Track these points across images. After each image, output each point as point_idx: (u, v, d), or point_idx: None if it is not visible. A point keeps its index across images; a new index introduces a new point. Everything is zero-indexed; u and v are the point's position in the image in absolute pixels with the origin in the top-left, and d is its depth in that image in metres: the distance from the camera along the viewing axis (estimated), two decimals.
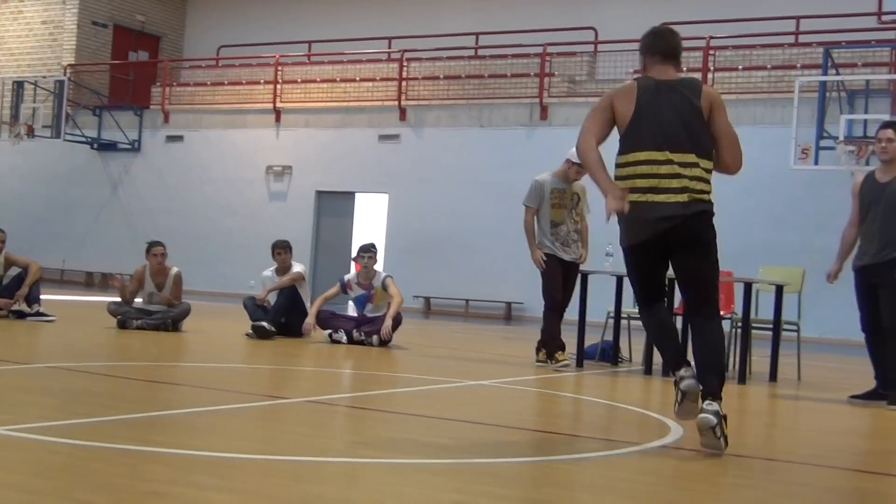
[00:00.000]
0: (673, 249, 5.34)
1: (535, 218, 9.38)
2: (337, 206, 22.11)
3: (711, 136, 5.34)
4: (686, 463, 5.02)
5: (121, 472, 4.04)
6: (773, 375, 9.23)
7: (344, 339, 10.65)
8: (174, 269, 11.36)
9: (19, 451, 4.36)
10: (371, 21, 24.80)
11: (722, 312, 9.84)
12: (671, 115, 5.25)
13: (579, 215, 9.51)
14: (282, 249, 11.33)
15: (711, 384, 5.12)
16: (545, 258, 9.25)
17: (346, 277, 11.16)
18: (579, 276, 9.74)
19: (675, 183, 5.21)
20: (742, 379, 8.94)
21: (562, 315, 9.35)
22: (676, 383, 5.20)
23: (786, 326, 9.44)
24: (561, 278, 9.30)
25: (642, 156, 5.28)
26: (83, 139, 24.60)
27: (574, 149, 8.31)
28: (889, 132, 7.90)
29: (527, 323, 19.07)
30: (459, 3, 24.31)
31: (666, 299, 5.84)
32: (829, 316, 16.57)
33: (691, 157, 5.24)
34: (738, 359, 9.18)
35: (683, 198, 5.20)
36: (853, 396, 7.89)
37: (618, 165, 5.39)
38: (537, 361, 9.42)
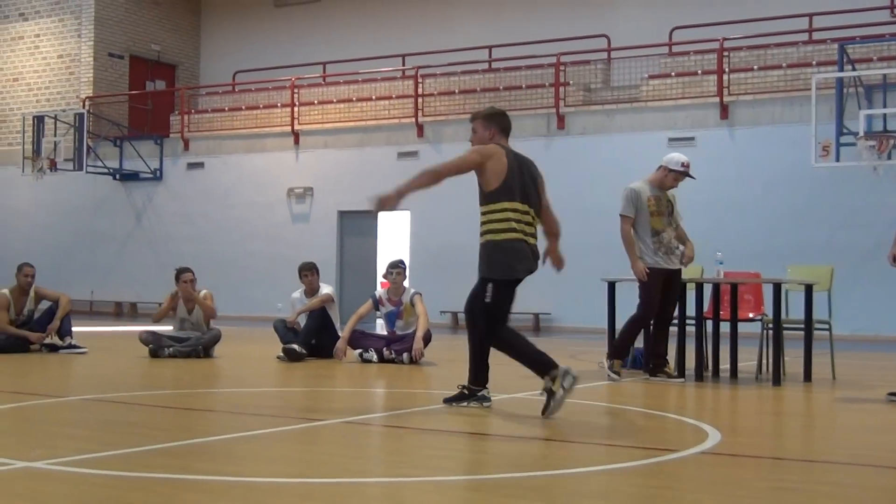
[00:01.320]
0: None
1: (633, 228, 9.12)
2: (360, 225, 22.15)
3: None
4: (725, 469, 5.01)
5: (161, 501, 4.06)
6: (808, 376, 9.18)
7: (375, 358, 10.67)
8: (203, 292, 11.41)
9: (60, 484, 4.39)
10: (384, 39, 24.89)
11: (752, 314, 9.87)
12: (528, 179, 6.97)
13: (676, 222, 9.27)
14: (308, 271, 11.37)
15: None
16: (648, 270, 8.95)
17: (378, 293, 11.18)
18: (607, 284, 9.73)
19: (533, 230, 6.95)
20: (777, 381, 8.89)
21: (661, 327, 9.18)
22: (559, 382, 6.64)
23: (817, 326, 9.39)
24: (661, 292, 9.00)
25: (509, 205, 6.83)
26: (105, 170, 24.75)
27: (671, 155, 8.60)
28: None
29: (555, 333, 19.04)
30: (471, 17, 24.36)
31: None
32: (860, 313, 16.50)
33: (533, 213, 6.96)
34: (771, 360, 9.13)
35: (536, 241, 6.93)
36: (892, 394, 7.83)
37: (491, 211, 6.88)
38: (612, 371, 9.13)
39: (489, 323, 6.91)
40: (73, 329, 11.69)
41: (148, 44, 27.34)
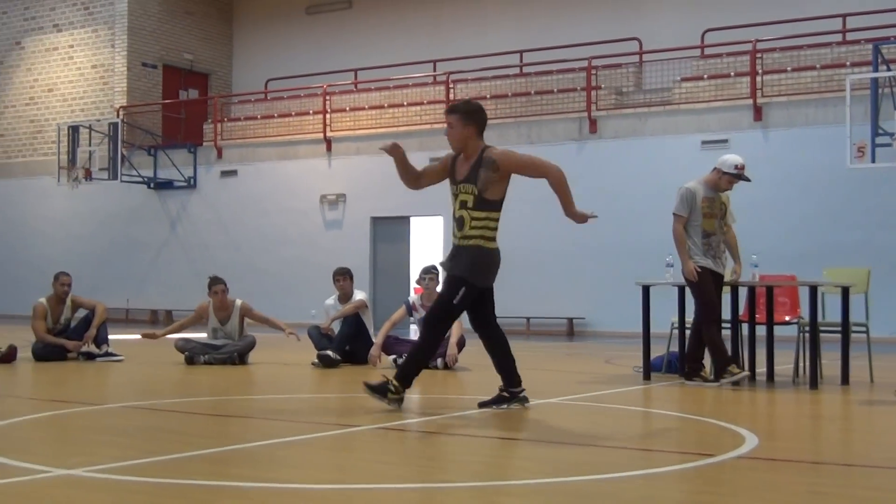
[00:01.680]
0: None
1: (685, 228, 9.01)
2: (393, 231, 22.20)
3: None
4: (763, 473, 4.97)
5: None
6: (845, 379, 9.10)
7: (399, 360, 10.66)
8: (238, 302, 11.49)
9: (100, 492, 4.42)
10: (415, 45, 24.95)
11: (788, 317, 9.81)
12: None
13: (727, 225, 9.20)
14: (341, 277, 11.40)
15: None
16: (699, 269, 8.87)
17: (411, 299, 11.19)
18: (641, 288, 9.69)
19: None
20: (814, 384, 8.83)
21: (699, 331, 9.00)
22: (520, 396, 7.11)
23: (854, 328, 9.31)
24: (715, 292, 8.95)
25: (499, 215, 7.12)
26: (140, 179, 24.94)
27: (725, 157, 8.51)
28: None
29: (589, 338, 18.99)
30: (502, 21, 24.37)
31: None
32: None
33: None
34: (807, 364, 9.07)
35: None
36: None
37: (489, 219, 7.02)
38: (729, 382, 8.80)
39: (443, 318, 7.00)
40: (110, 337, 11.78)
41: (181, 53, 27.53)
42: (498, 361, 7.24)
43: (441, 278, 11.34)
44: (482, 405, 7.17)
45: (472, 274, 6.93)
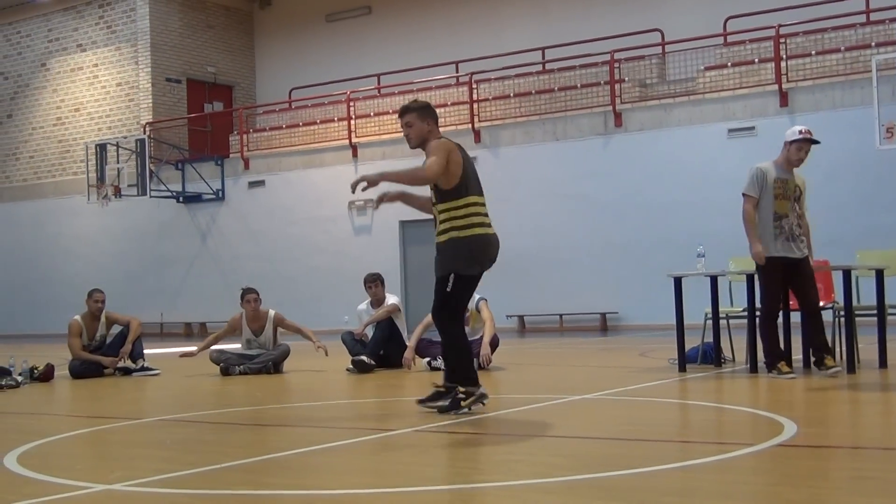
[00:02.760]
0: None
1: (756, 210, 8.68)
2: (422, 234, 22.19)
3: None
4: (803, 461, 4.94)
5: None
6: (883, 362, 9.02)
7: (443, 365, 10.66)
8: (271, 312, 11.53)
9: None
10: (436, 47, 24.96)
11: (823, 302, 9.72)
12: (475, 171, 7.02)
13: (801, 210, 8.83)
14: (373, 283, 11.42)
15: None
16: (768, 256, 8.57)
17: None
18: (673, 280, 9.62)
19: (489, 221, 6.94)
20: (851, 368, 8.75)
21: (809, 319, 8.66)
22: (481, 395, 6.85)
23: (890, 311, 9.22)
24: (780, 284, 8.67)
25: (471, 199, 6.83)
26: (169, 194, 25.09)
27: (789, 129, 8.15)
28: None
29: (623, 332, 18.93)
30: (522, 19, 24.33)
31: None
32: None
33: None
34: (844, 348, 8.99)
35: None
36: None
37: (454, 208, 6.83)
38: (781, 375, 8.54)
39: (447, 315, 6.89)
40: (145, 352, 11.85)
41: (204, 66, 27.69)
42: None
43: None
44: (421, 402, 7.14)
45: (455, 264, 6.84)
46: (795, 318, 9.51)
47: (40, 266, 27.57)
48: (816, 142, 8.89)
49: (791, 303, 9.32)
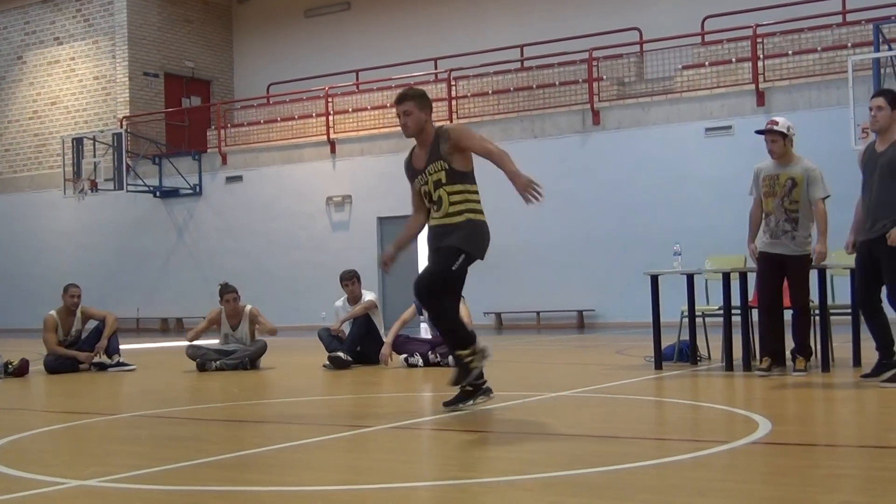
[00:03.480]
0: None
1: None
2: (399, 230, 22.13)
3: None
4: (777, 458, 4.97)
5: None
6: (857, 361, 9.08)
7: (420, 362, 10.68)
8: (248, 307, 11.50)
9: (114, 501, 4.43)
10: (415, 44, 24.93)
11: None
12: None
13: (796, 202, 8.74)
14: (349, 280, 11.40)
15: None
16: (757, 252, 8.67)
17: None
18: (650, 278, 9.64)
19: None
20: (826, 367, 8.81)
21: (778, 315, 8.62)
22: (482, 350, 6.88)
23: None
24: (766, 278, 8.63)
25: (476, 188, 7.08)
26: (145, 188, 24.98)
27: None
28: (880, 100, 7.79)
29: (600, 329, 18.99)
30: (501, 17, 24.35)
31: None
32: None
33: None
34: (819, 346, 9.04)
35: None
36: (864, 376, 8.00)
37: (469, 191, 7.02)
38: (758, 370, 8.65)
39: (441, 287, 6.82)
40: (121, 347, 11.80)
41: (182, 61, 27.57)
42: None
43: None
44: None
45: (468, 245, 6.87)
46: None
47: (15, 260, 27.39)
48: (762, 132, 8.78)
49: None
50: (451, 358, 10.40)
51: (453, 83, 21.93)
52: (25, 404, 9.03)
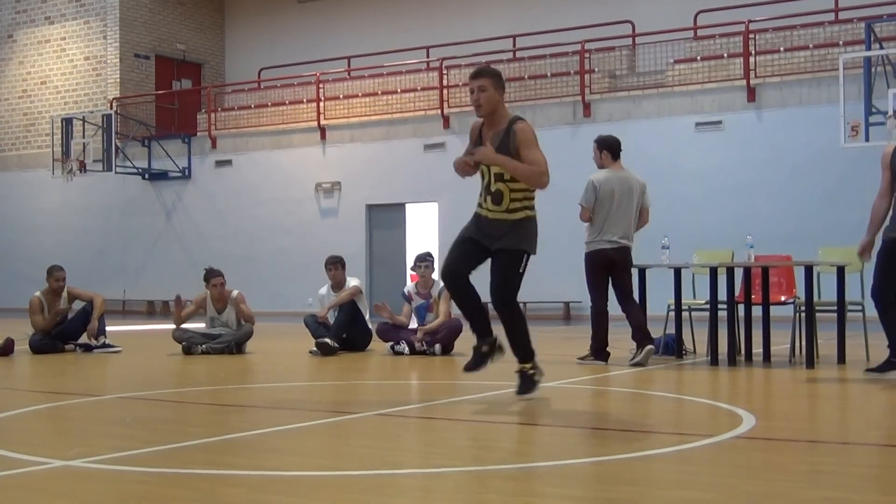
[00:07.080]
0: None
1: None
2: (388, 218, 22.19)
3: None
4: (761, 453, 4.99)
5: (199, 496, 4.09)
6: (842, 358, 9.12)
7: (406, 350, 10.69)
8: (234, 292, 11.48)
9: (98, 482, 4.43)
10: (408, 32, 24.90)
11: (784, 297, 9.81)
12: None
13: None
14: (333, 266, 11.39)
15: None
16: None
17: (406, 289, 11.20)
18: (637, 271, 9.67)
19: None
20: (810, 363, 8.85)
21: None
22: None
23: (850, 307, 9.32)
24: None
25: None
26: (134, 170, 24.91)
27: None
28: None
29: (586, 321, 18.98)
30: (494, 6, 24.32)
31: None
32: None
33: None
34: (804, 343, 9.08)
35: None
36: (870, 370, 8.02)
37: (528, 190, 6.83)
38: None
39: (514, 293, 6.86)
40: (107, 328, 11.78)
41: (173, 43, 27.47)
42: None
43: (436, 265, 11.30)
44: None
45: (529, 245, 6.87)
46: (757, 311, 9.59)
47: (2, 240, 27.30)
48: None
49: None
50: (437, 346, 10.48)
51: (445, 72, 21.90)
52: (10, 384, 9.01)
